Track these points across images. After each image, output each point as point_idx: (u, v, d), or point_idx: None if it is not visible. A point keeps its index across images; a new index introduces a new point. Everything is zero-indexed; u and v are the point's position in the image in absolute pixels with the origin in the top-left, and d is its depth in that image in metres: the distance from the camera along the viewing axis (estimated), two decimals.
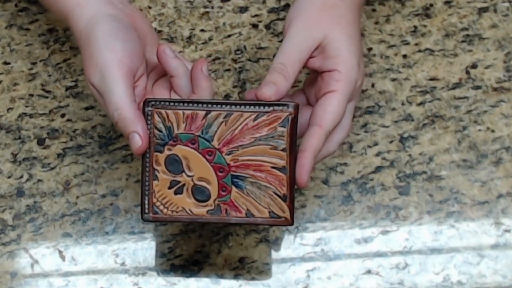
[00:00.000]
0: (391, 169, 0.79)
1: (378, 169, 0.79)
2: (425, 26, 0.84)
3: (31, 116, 0.82)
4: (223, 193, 0.67)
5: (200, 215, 0.67)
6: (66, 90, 0.83)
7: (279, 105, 0.66)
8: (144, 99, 0.67)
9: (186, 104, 0.66)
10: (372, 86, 0.82)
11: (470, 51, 0.83)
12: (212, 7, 0.85)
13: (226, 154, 0.66)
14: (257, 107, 0.66)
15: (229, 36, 0.84)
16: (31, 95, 0.83)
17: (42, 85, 0.83)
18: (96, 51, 0.67)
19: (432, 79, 0.82)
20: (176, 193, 0.67)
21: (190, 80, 0.68)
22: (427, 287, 0.75)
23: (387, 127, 0.80)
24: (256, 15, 0.85)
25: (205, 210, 0.67)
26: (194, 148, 0.67)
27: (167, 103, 0.67)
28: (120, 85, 0.66)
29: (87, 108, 0.82)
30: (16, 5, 0.86)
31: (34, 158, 0.80)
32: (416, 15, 0.84)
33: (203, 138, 0.66)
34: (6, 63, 0.84)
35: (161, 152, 0.67)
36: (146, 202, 0.67)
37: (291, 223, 0.67)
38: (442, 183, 0.78)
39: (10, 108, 0.82)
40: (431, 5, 0.84)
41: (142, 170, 0.67)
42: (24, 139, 0.81)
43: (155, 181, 0.67)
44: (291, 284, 0.76)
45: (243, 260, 0.77)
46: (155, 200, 0.67)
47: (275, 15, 0.85)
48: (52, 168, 0.80)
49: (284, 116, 0.66)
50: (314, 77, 0.71)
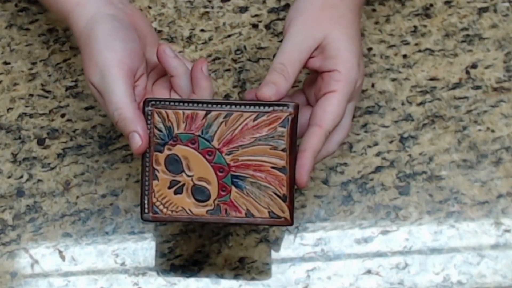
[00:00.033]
0: (391, 169, 0.79)
1: (378, 169, 0.79)
2: (425, 26, 0.84)
3: (31, 116, 0.82)
4: (223, 193, 0.67)
5: (199, 215, 0.67)
6: (66, 90, 0.83)
7: (279, 105, 0.66)
8: (144, 99, 0.67)
9: (186, 104, 0.66)
10: (372, 86, 0.82)
11: (470, 51, 0.83)
12: (212, 7, 0.85)
13: (226, 154, 0.66)
14: (257, 107, 0.66)
15: (229, 36, 0.84)
16: (31, 95, 0.83)
17: (42, 85, 0.83)
18: (96, 51, 0.67)
19: (432, 79, 0.82)
20: (176, 193, 0.67)
21: (190, 80, 0.68)
22: (427, 287, 0.75)
23: (387, 127, 0.80)
24: (256, 15, 0.85)
25: (204, 210, 0.67)
26: (194, 148, 0.67)
27: (167, 103, 0.67)
28: (120, 84, 0.66)
29: (87, 108, 0.82)
30: (16, 5, 0.86)
31: (34, 158, 0.80)
32: (416, 15, 0.84)
33: (203, 138, 0.66)
34: (6, 63, 0.84)
35: (161, 152, 0.67)
36: (146, 202, 0.67)
37: (291, 223, 0.67)
38: (442, 183, 0.78)
39: (10, 108, 0.82)
40: (431, 5, 0.84)
41: (142, 170, 0.67)
42: (24, 139, 0.81)
43: (155, 181, 0.67)
44: (291, 284, 0.76)
45: (243, 260, 0.77)
46: (154, 200, 0.67)
47: (275, 15, 0.85)
48: (52, 168, 0.80)
49: (284, 116, 0.66)
50: (314, 77, 0.71)
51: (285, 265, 0.76)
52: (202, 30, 0.85)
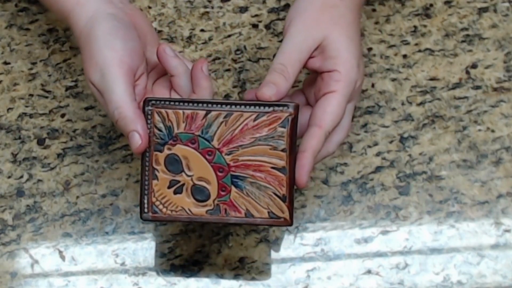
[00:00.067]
0: (391, 169, 0.79)
1: (378, 169, 0.79)
2: (425, 26, 0.84)
3: (31, 116, 0.82)
4: (223, 193, 0.67)
5: (199, 215, 0.67)
6: (66, 90, 0.83)
7: (279, 105, 0.66)
8: (144, 98, 0.67)
9: (186, 104, 0.66)
10: (372, 86, 0.82)
11: (470, 51, 0.83)
12: (212, 7, 0.85)
13: (226, 154, 0.66)
14: (257, 107, 0.66)
15: (229, 36, 0.84)
16: (31, 95, 0.83)
17: (42, 85, 0.83)
18: (96, 50, 0.67)
19: (432, 79, 0.82)
20: (175, 192, 0.67)
21: (190, 79, 0.68)
22: (427, 287, 0.75)
23: (387, 127, 0.80)
24: (256, 15, 0.85)
25: (204, 210, 0.67)
26: (194, 148, 0.67)
27: (167, 103, 0.66)
28: (120, 83, 0.66)
29: (87, 108, 0.82)
30: (16, 5, 0.86)
31: (34, 158, 0.80)
32: (416, 15, 0.84)
33: (203, 137, 0.66)
34: (6, 63, 0.84)
35: (161, 151, 0.67)
36: (146, 201, 0.67)
37: (290, 224, 0.67)
38: (442, 183, 0.78)
39: (10, 108, 0.82)
40: (431, 5, 0.84)
41: (141, 169, 0.67)
42: (24, 139, 0.81)
43: (155, 180, 0.67)
44: (291, 284, 0.76)
45: (243, 260, 0.77)
46: (154, 199, 0.67)
47: (275, 15, 0.85)
48: (52, 168, 0.80)
49: (284, 116, 0.66)
50: (314, 77, 0.71)
51: (285, 265, 0.76)
52: (202, 30, 0.85)
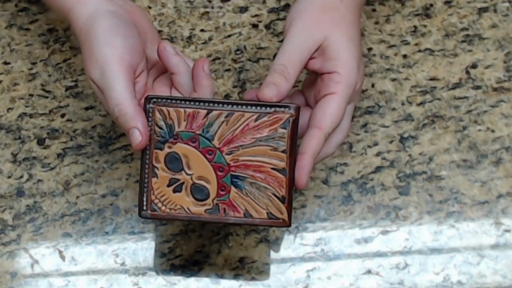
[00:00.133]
0: (391, 169, 0.79)
1: (378, 169, 0.79)
2: (425, 26, 0.84)
3: (31, 116, 0.82)
4: (222, 192, 0.67)
5: (198, 214, 0.67)
6: (66, 90, 0.83)
7: (280, 106, 0.66)
8: (146, 96, 0.67)
9: (188, 102, 0.66)
10: (372, 86, 0.82)
11: (470, 51, 0.83)
12: (212, 7, 0.85)
13: (226, 154, 0.66)
14: (258, 108, 0.66)
15: (229, 36, 0.84)
16: (31, 95, 0.83)
17: (42, 85, 0.83)
18: (96, 47, 0.67)
19: (432, 79, 0.82)
20: (175, 191, 0.67)
21: (192, 78, 0.68)
22: (427, 287, 0.75)
23: (387, 127, 0.80)
24: (256, 15, 0.85)
25: (203, 209, 0.67)
26: (194, 147, 0.67)
27: (169, 101, 0.66)
28: (121, 80, 0.66)
29: (87, 108, 0.82)
30: (16, 5, 0.86)
31: (34, 158, 0.80)
32: (416, 15, 0.84)
33: (203, 137, 0.66)
34: (6, 63, 0.84)
35: (161, 149, 0.67)
36: (145, 199, 0.67)
37: (289, 225, 0.67)
38: (442, 183, 0.78)
39: (10, 108, 0.82)
40: (431, 5, 0.84)
41: (141, 167, 0.67)
42: (24, 139, 0.81)
43: (154, 178, 0.67)
44: (291, 284, 0.76)
45: (243, 260, 0.77)
46: (153, 197, 0.67)
47: (275, 15, 0.85)
48: (52, 168, 0.80)
49: (285, 117, 0.66)
50: (313, 78, 0.71)
51: (285, 265, 0.76)
52: (202, 30, 0.85)
